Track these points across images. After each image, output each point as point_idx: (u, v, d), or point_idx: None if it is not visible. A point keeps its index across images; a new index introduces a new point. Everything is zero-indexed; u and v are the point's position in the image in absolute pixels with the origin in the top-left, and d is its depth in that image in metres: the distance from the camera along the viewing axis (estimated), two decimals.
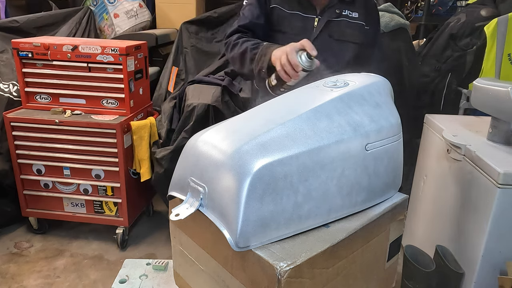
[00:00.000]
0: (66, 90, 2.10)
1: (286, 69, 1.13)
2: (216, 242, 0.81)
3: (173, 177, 0.88)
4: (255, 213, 0.72)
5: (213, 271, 0.86)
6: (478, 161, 1.43)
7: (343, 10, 1.39)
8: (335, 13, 1.38)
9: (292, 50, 1.13)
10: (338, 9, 1.38)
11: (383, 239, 0.96)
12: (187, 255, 0.95)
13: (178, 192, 0.86)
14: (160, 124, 2.19)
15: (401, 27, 1.88)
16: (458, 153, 1.56)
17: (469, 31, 2.14)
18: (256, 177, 0.71)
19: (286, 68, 1.13)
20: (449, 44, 2.24)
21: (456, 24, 2.24)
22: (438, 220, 1.75)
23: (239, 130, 0.82)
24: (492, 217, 1.34)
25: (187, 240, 0.93)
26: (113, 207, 2.16)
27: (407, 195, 1.04)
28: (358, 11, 1.40)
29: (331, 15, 1.38)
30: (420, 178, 1.98)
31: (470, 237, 1.46)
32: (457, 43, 2.19)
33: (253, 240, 0.73)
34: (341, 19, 1.38)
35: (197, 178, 0.79)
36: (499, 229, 1.35)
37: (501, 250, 1.37)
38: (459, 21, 2.24)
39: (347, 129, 0.84)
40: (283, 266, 0.69)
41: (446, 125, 1.77)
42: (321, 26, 1.37)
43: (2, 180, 2.23)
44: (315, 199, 0.80)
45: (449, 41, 2.24)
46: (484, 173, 1.38)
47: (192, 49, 2.83)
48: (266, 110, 0.92)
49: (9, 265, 2.04)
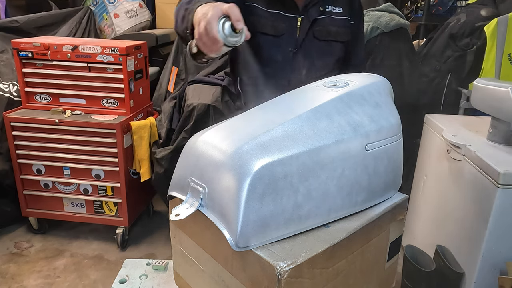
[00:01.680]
0: (66, 90, 2.10)
1: (203, 40, 0.90)
2: (216, 242, 0.81)
3: (173, 177, 0.88)
4: (255, 213, 0.72)
5: (213, 271, 0.86)
6: (478, 161, 1.43)
7: (327, 7, 1.31)
8: (318, 11, 1.29)
9: (213, 18, 0.86)
10: (321, 6, 1.29)
11: (383, 239, 0.96)
12: (187, 255, 0.95)
13: (178, 192, 0.86)
14: (160, 124, 2.19)
15: (401, 27, 1.89)
16: (458, 153, 1.56)
17: (469, 31, 2.14)
18: (256, 177, 0.71)
19: (203, 39, 0.90)
20: (449, 44, 2.24)
21: (456, 24, 2.24)
22: (438, 220, 1.75)
23: (239, 130, 0.82)
24: (492, 217, 1.34)
25: (187, 240, 0.93)
26: (113, 207, 2.16)
27: (407, 195, 1.04)
28: (342, 6, 1.33)
29: (315, 13, 1.29)
30: (420, 178, 1.99)
31: (470, 237, 1.46)
32: (457, 43, 2.19)
33: (253, 240, 0.73)
34: (325, 16, 1.30)
35: (197, 178, 0.79)
36: (499, 229, 1.35)
37: (501, 250, 1.37)
38: (459, 21, 2.24)
39: (347, 129, 0.84)
40: (283, 266, 0.69)
41: (446, 125, 1.77)
42: (306, 26, 1.29)
43: (2, 180, 2.23)
44: (315, 199, 0.80)
45: (449, 41, 2.24)
46: (484, 173, 1.38)
47: None
48: (266, 110, 0.92)
49: (9, 265, 2.04)
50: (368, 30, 1.85)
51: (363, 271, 0.91)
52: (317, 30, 1.30)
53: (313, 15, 1.29)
